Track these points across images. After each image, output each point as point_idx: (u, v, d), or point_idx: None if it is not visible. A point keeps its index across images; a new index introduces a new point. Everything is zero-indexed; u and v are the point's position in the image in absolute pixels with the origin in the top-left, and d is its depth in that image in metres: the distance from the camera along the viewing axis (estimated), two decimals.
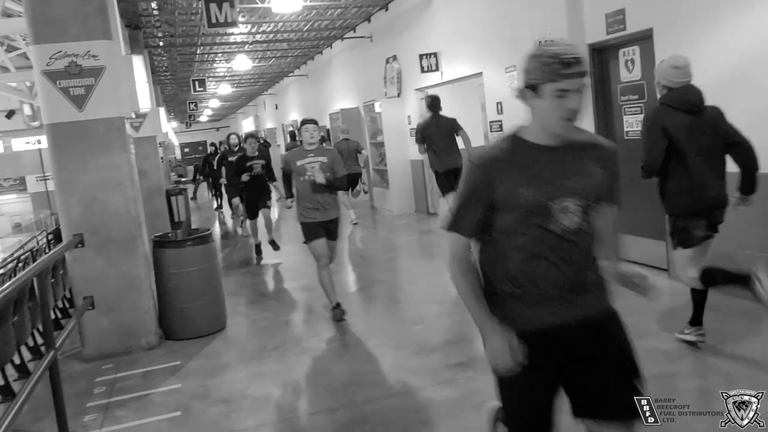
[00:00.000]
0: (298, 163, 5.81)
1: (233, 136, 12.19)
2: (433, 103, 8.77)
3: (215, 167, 17.43)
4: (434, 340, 5.25)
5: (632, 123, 6.56)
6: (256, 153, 9.30)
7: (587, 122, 6.99)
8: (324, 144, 6.00)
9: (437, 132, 8.58)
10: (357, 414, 4.02)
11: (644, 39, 6.14)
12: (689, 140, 4.02)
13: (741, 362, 4.15)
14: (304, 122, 5.99)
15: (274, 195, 10.28)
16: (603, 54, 6.86)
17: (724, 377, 3.98)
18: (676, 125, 4.04)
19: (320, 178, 5.69)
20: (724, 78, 5.28)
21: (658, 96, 4.32)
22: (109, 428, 4.18)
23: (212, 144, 19.65)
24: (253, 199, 9.34)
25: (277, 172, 8.19)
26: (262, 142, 16.29)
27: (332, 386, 4.51)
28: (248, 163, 9.08)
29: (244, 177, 9.03)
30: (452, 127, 8.59)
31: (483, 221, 2.16)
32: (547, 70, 2.06)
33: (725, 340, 4.59)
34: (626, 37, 6.35)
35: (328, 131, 16.76)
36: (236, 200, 11.66)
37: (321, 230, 5.83)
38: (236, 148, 11.44)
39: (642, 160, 4.17)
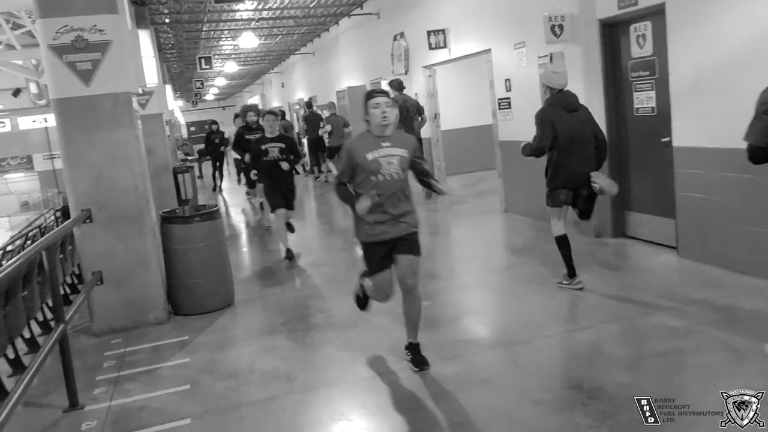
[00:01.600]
0: (369, 156, 3.98)
1: (251, 114, 10.62)
2: (399, 85, 10.82)
3: (218, 145, 17.20)
4: (441, 316, 5.25)
5: (643, 100, 6.49)
6: (276, 133, 7.79)
7: (597, 99, 6.92)
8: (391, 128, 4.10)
9: (401, 109, 10.16)
10: (364, 388, 4.04)
11: (656, 14, 6.05)
12: (570, 132, 5.26)
13: (749, 338, 4.14)
14: (371, 94, 4.05)
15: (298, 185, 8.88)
16: (614, 29, 6.77)
17: (733, 353, 3.97)
18: (560, 121, 5.25)
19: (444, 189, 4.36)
20: (737, 54, 5.21)
21: (542, 94, 5.61)
22: (119, 401, 4.21)
23: (213, 122, 18.84)
24: (275, 189, 7.82)
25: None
26: (282, 119, 16.00)
27: (340, 361, 4.53)
28: (263, 146, 7.66)
29: (254, 170, 7.85)
30: (415, 105, 10.68)
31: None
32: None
33: (734, 316, 4.58)
34: (638, 12, 6.26)
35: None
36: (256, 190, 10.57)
37: (388, 254, 4.13)
38: (255, 126, 10.22)
39: (536, 144, 5.40)
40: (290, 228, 8.37)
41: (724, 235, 5.59)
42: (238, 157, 11.23)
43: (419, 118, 10.70)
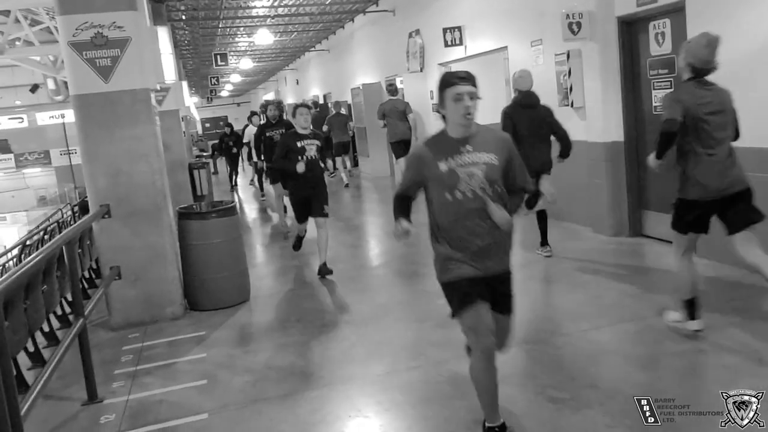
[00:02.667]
0: (442, 167, 3.04)
1: (272, 108, 9.77)
2: (391, 89, 12.40)
3: (232, 147, 16.75)
4: None
5: (661, 98, 6.43)
6: (310, 129, 6.70)
7: (614, 97, 6.88)
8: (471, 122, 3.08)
9: (391, 110, 11.98)
10: (381, 385, 4.05)
11: (676, 11, 6.00)
12: (529, 126, 6.19)
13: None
14: (450, 81, 3.06)
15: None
16: (633, 27, 6.73)
17: (752, 354, 3.94)
18: (520, 117, 6.24)
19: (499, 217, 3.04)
20: (759, 51, 5.17)
21: (512, 95, 6.63)
22: (137, 395, 4.25)
23: (228, 124, 18.22)
24: (303, 196, 6.64)
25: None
26: (315, 111, 15.76)
27: (355, 357, 4.54)
28: (299, 143, 6.46)
29: (300, 167, 6.37)
30: (403, 108, 12.07)
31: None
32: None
33: (753, 317, 4.55)
34: (657, 9, 6.21)
35: (349, 107, 16.67)
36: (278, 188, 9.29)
37: (481, 289, 3.11)
38: (275, 121, 9.58)
39: None
40: (326, 270, 6.70)
41: None
42: (256, 159, 10.90)
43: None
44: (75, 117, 5.50)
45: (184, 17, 14.40)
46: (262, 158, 10.10)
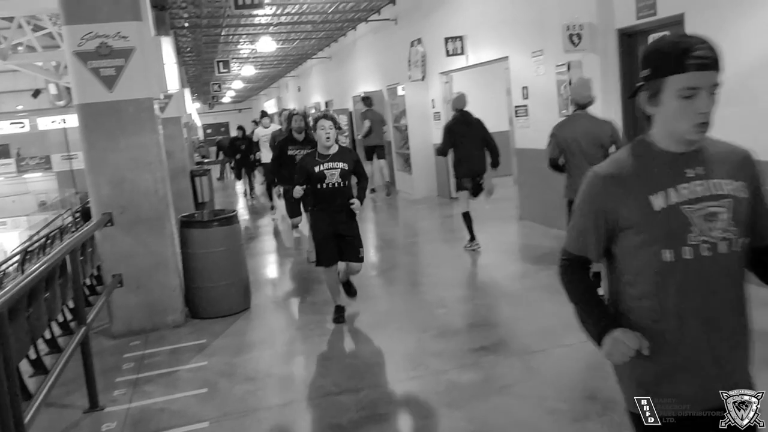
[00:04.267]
0: (657, 203, 1.77)
1: (298, 118, 7.58)
2: (366, 100, 13.39)
3: (245, 152, 15.49)
4: (457, 324, 5.28)
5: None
6: (336, 148, 5.34)
7: (614, 108, 6.93)
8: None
9: (374, 119, 13.05)
10: (381, 395, 4.08)
11: (675, 24, 6.05)
12: (465, 138, 7.37)
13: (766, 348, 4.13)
14: (681, 63, 1.68)
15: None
16: (632, 39, 6.78)
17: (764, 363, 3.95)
18: (459, 130, 7.43)
19: None
20: (758, 63, 5.21)
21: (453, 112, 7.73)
22: (139, 403, 4.27)
23: (239, 127, 17.37)
24: (329, 231, 5.33)
25: None
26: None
27: (356, 367, 4.57)
28: (317, 168, 5.22)
29: (296, 192, 5.31)
30: (381, 117, 13.26)
31: None
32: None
33: (755, 328, 4.56)
34: (657, 22, 6.26)
35: (350, 114, 16.74)
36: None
37: None
38: (301, 137, 7.48)
39: (438, 148, 7.87)
40: (349, 289, 5.81)
41: None
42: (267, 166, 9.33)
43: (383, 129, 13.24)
44: (79, 126, 5.54)
45: (187, 25, 14.47)
46: (277, 178, 8.04)
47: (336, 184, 5.23)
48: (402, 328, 5.29)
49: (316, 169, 5.23)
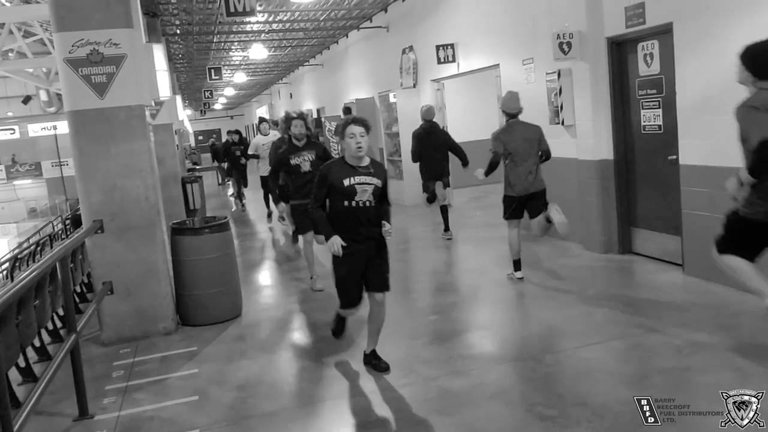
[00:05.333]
0: None
1: (298, 123, 6.55)
2: (347, 111, 13.41)
3: (239, 158, 14.54)
4: (448, 331, 5.29)
5: (650, 117, 6.54)
6: (368, 161, 4.36)
7: (604, 116, 6.98)
8: None
9: None
10: (372, 402, 4.07)
11: (664, 33, 6.11)
12: (430, 146, 8.64)
13: (754, 357, 4.16)
14: None
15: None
16: (622, 47, 6.83)
17: (738, 372, 3.99)
18: (423, 138, 8.70)
19: None
20: None
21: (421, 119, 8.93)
22: (128, 411, 4.25)
23: (236, 131, 16.05)
24: (356, 260, 4.34)
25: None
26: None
27: (348, 374, 4.56)
28: (347, 181, 4.25)
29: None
30: None
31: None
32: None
33: (739, 335, 4.60)
34: (645, 30, 6.32)
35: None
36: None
37: None
38: (302, 143, 6.56)
39: (412, 151, 8.82)
40: (379, 363, 4.54)
41: None
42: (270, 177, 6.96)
43: None
44: (70, 133, 5.53)
45: (178, 32, 14.49)
46: (278, 192, 7.01)
47: (367, 203, 4.28)
48: (393, 334, 5.28)
49: (346, 182, 4.23)
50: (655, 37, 6.30)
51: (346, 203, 4.27)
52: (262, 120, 12.68)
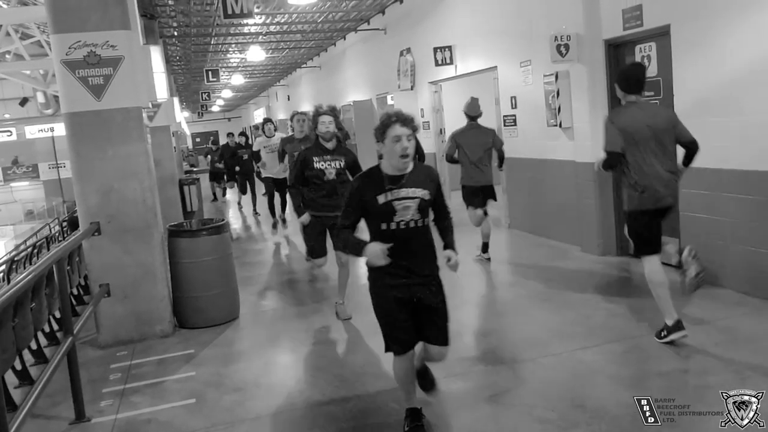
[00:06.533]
0: None
1: (326, 119, 5.68)
2: (333, 110, 13.42)
3: (247, 162, 13.40)
4: None
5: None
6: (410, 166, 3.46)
7: (602, 118, 6.98)
8: None
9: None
10: (369, 404, 4.06)
11: (661, 35, 6.12)
12: None
13: (753, 360, 4.16)
14: None
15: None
16: (619, 50, 6.84)
17: (736, 374, 3.99)
18: None
19: None
20: (743, 73, 5.26)
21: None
22: (126, 414, 4.24)
23: (241, 133, 15.22)
24: (403, 293, 3.50)
25: None
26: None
27: (345, 376, 4.55)
28: (381, 198, 3.36)
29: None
30: (345, 132, 14.97)
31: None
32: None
33: (738, 337, 4.60)
34: (643, 33, 6.33)
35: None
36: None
37: None
38: (331, 144, 5.67)
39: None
40: (426, 380, 3.87)
41: (728, 256, 5.62)
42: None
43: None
44: (66, 135, 5.51)
45: (176, 34, 14.47)
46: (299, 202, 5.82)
47: (412, 224, 3.36)
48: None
49: (381, 198, 3.34)
50: (653, 40, 6.31)
51: (384, 225, 3.35)
52: (266, 120, 11.53)
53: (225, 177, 15.70)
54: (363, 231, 3.46)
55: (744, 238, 5.43)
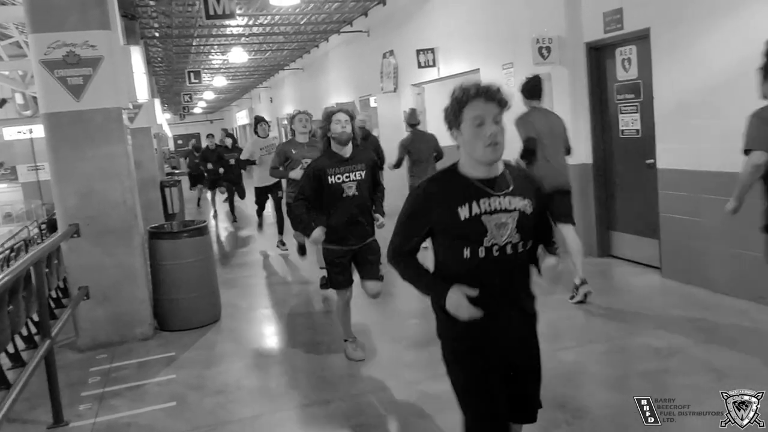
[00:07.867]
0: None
1: (342, 118, 4.68)
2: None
3: (234, 167, 12.40)
4: (430, 334, 5.25)
5: (628, 122, 6.60)
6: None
7: (583, 120, 7.03)
8: None
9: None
10: (352, 406, 4.05)
11: (641, 38, 6.17)
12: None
13: (732, 359, 4.20)
14: None
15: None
16: (600, 53, 6.89)
17: (714, 373, 4.03)
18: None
19: None
20: (722, 77, 5.32)
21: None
22: (105, 417, 4.19)
23: (229, 134, 14.19)
24: (492, 363, 2.55)
25: None
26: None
27: (327, 378, 4.54)
28: (463, 211, 2.34)
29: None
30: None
31: None
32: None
33: (717, 337, 4.65)
34: (623, 36, 6.39)
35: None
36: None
37: None
38: (348, 150, 4.62)
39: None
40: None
41: (707, 256, 5.68)
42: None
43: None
44: (45, 135, 5.44)
45: (157, 35, 14.36)
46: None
47: (509, 249, 2.39)
48: (374, 338, 5.27)
49: (463, 212, 2.35)
50: (633, 43, 6.37)
51: (467, 253, 2.36)
52: (259, 119, 10.16)
53: (209, 183, 13.75)
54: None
55: (724, 240, 5.49)
